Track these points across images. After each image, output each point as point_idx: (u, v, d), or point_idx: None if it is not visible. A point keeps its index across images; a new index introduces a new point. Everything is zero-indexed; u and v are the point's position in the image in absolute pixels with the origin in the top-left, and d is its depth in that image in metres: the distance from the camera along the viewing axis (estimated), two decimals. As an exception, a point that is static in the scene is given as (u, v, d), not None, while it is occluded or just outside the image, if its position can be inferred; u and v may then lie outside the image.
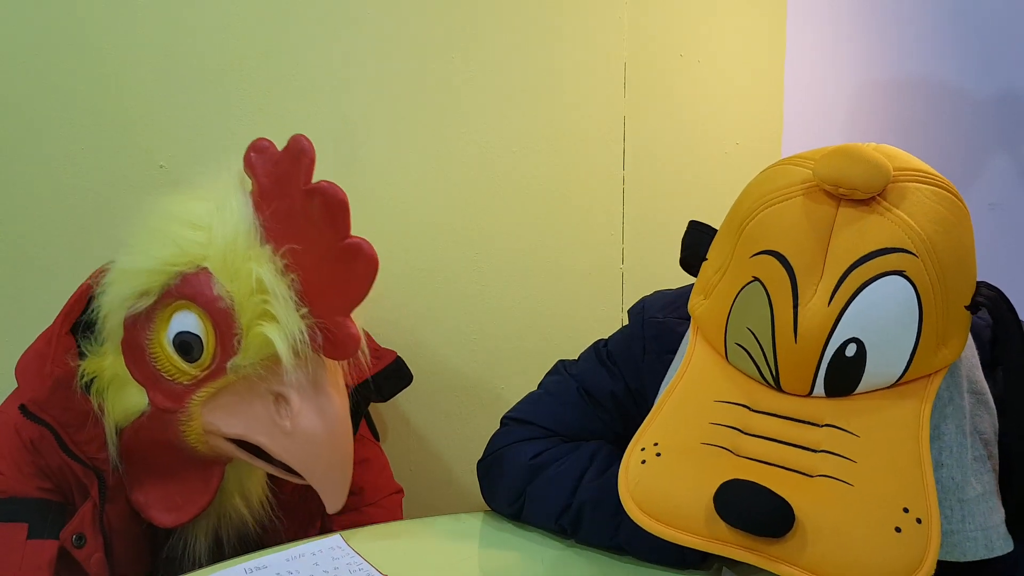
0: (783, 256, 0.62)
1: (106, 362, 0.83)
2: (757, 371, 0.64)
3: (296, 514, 0.95)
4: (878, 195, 0.61)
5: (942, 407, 0.62)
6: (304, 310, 0.77)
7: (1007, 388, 0.64)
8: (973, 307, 0.63)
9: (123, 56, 1.08)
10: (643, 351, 0.85)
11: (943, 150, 1.50)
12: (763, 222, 0.64)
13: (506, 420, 0.91)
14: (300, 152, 0.77)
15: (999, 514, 0.61)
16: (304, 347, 0.76)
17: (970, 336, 0.67)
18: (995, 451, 0.65)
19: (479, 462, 0.89)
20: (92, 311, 0.84)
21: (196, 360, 0.79)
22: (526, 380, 0.98)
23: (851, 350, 0.60)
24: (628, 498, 0.63)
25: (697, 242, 0.72)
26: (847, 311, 0.60)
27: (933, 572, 0.55)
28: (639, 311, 0.89)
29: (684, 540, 0.61)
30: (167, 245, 0.78)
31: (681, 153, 1.29)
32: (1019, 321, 0.63)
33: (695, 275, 0.73)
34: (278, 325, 0.75)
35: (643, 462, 0.64)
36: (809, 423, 0.62)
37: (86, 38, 1.07)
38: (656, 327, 0.85)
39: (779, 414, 0.63)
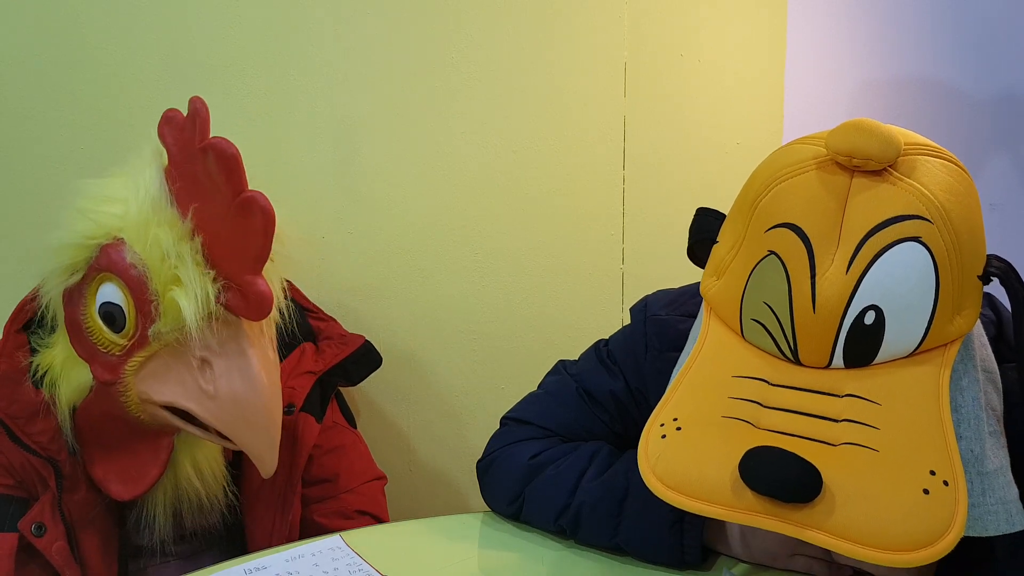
0: (799, 227, 0.62)
1: (56, 349, 0.86)
2: (775, 345, 0.64)
3: (268, 499, 0.95)
4: (890, 167, 0.61)
5: (958, 379, 0.62)
6: (213, 272, 0.78)
7: (1018, 358, 0.64)
8: (985, 277, 0.63)
9: (123, 56, 1.08)
10: (645, 348, 0.85)
11: (943, 150, 1.49)
12: (777, 196, 0.64)
13: (505, 420, 0.91)
14: (194, 113, 0.78)
15: (1015, 489, 0.61)
16: (216, 309, 0.77)
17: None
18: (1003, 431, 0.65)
19: (478, 462, 0.89)
20: (41, 305, 0.87)
21: (122, 330, 0.80)
22: (526, 380, 0.98)
23: (870, 318, 0.60)
24: (649, 473, 0.62)
25: (707, 227, 0.71)
26: (865, 278, 0.60)
27: (963, 534, 0.55)
28: (641, 309, 0.88)
29: (710, 511, 0.60)
30: (84, 220, 0.81)
31: (681, 153, 1.29)
32: None
33: (701, 266, 0.73)
34: (184, 289, 0.77)
35: (663, 437, 0.63)
36: (829, 394, 0.61)
37: (86, 38, 1.07)
38: (658, 324, 0.85)
39: (799, 386, 0.62)
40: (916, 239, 0.60)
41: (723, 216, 0.71)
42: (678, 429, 0.63)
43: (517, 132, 1.22)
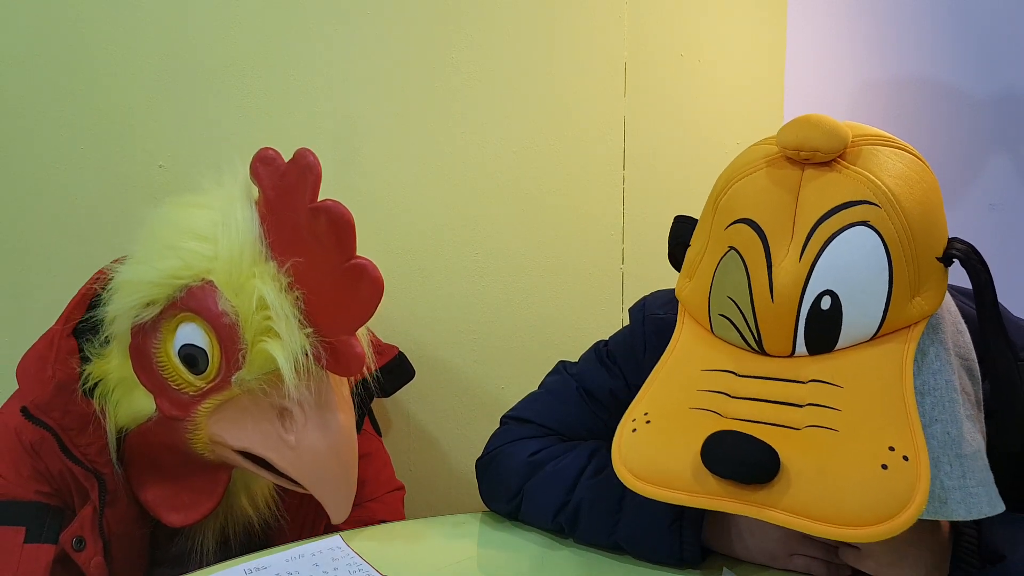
0: (754, 222, 0.64)
1: (112, 364, 0.83)
2: (740, 338, 0.66)
3: (300, 513, 0.96)
4: (839, 157, 0.63)
5: (929, 362, 0.62)
6: (309, 328, 0.77)
7: (981, 337, 0.64)
8: (946, 259, 0.64)
9: (123, 56, 1.08)
10: (644, 347, 0.85)
11: (943, 150, 1.49)
12: (734, 195, 0.67)
13: (505, 419, 0.92)
14: (306, 168, 0.76)
15: (991, 475, 0.61)
16: (308, 363, 0.76)
17: (956, 308, 0.68)
18: (983, 422, 0.65)
19: (478, 460, 0.90)
20: (94, 314, 0.85)
21: (202, 372, 0.79)
22: (526, 380, 0.98)
23: (826, 303, 0.62)
24: (620, 465, 0.65)
25: (682, 233, 0.74)
26: (818, 264, 0.62)
27: (924, 509, 0.55)
28: (640, 309, 0.89)
29: (673, 498, 0.62)
30: (172, 257, 0.78)
31: (681, 153, 1.29)
32: (990, 274, 0.63)
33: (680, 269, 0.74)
34: (281, 342, 0.76)
35: (634, 431, 0.65)
36: (794, 381, 0.63)
37: (86, 38, 1.07)
38: (657, 323, 0.85)
39: (764, 376, 0.64)
40: (864, 223, 0.61)
41: (696, 221, 0.73)
42: (647, 422, 0.65)
43: (517, 132, 1.22)
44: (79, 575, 0.85)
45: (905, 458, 0.56)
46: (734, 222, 0.66)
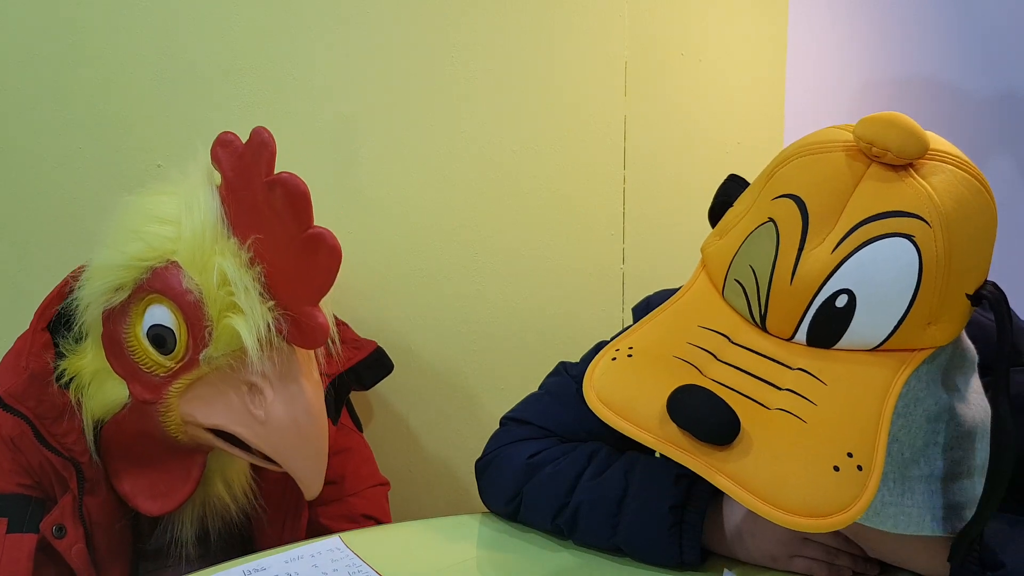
0: (802, 200, 0.63)
1: (86, 359, 0.85)
2: (747, 307, 0.65)
3: (280, 504, 0.96)
4: (909, 165, 0.62)
5: (916, 392, 0.62)
6: (271, 302, 0.78)
7: (993, 383, 0.63)
8: (976, 299, 0.63)
9: (121, 56, 1.08)
10: (647, 346, 0.85)
11: (945, 150, 1.49)
12: (793, 169, 0.65)
13: (505, 420, 0.91)
14: (261, 145, 0.78)
15: (941, 500, 0.62)
16: (273, 337, 0.78)
17: (970, 344, 0.67)
18: (971, 462, 0.64)
19: (477, 461, 0.89)
20: (69, 309, 0.86)
21: (170, 352, 0.81)
22: (526, 380, 0.98)
23: (842, 301, 0.61)
24: (590, 388, 0.64)
25: (730, 191, 0.72)
26: (848, 261, 0.61)
27: (859, 517, 0.55)
28: (644, 308, 0.90)
29: (635, 434, 0.61)
30: (136, 240, 0.80)
31: (681, 153, 1.29)
32: (1014, 325, 0.62)
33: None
34: (244, 317, 0.77)
35: (613, 359, 0.65)
36: (782, 364, 0.62)
37: (84, 38, 1.07)
38: None
39: (756, 350, 0.64)
40: (908, 237, 0.60)
41: (748, 184, 0.72)
42: (629, 356, 0.65)
43: (517, 132, 1.22)
44: (62, 562, 0.86)
45: (859, 468, 0.56)
46: (783, 195, 0.65)
